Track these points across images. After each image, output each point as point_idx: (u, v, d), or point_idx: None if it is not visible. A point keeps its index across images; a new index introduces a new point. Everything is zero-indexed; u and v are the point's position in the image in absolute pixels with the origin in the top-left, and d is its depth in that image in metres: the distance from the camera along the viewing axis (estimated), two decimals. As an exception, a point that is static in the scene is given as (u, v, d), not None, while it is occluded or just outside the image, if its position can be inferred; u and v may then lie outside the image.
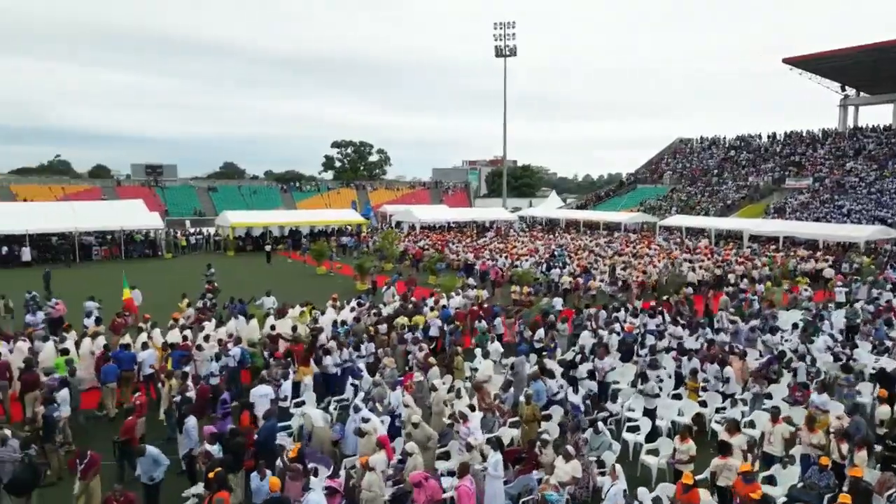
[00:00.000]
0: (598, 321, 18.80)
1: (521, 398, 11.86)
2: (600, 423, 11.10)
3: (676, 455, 10.06)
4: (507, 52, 68.23)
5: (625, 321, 18.82)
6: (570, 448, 9.94)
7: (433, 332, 17.39)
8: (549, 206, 69.26)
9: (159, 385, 13.37)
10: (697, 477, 9.73)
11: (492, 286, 27.22)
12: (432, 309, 19.40)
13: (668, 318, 19.15)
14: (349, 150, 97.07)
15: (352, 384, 13.02)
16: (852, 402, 12.51)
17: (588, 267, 30.29)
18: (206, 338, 15.26)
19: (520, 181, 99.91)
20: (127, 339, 15.37)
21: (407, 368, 14.20)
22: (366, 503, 8.95)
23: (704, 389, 13.84)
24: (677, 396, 13.88)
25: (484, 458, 10.01)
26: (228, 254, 42.95)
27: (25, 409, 12.32)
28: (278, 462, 9.91)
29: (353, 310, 19.17)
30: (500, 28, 67.68)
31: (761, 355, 16.53)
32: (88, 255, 39.06)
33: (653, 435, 12.04)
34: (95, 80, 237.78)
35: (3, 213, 38.69)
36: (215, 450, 9.20)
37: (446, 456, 10.98)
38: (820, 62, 56.99)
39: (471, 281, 25.63)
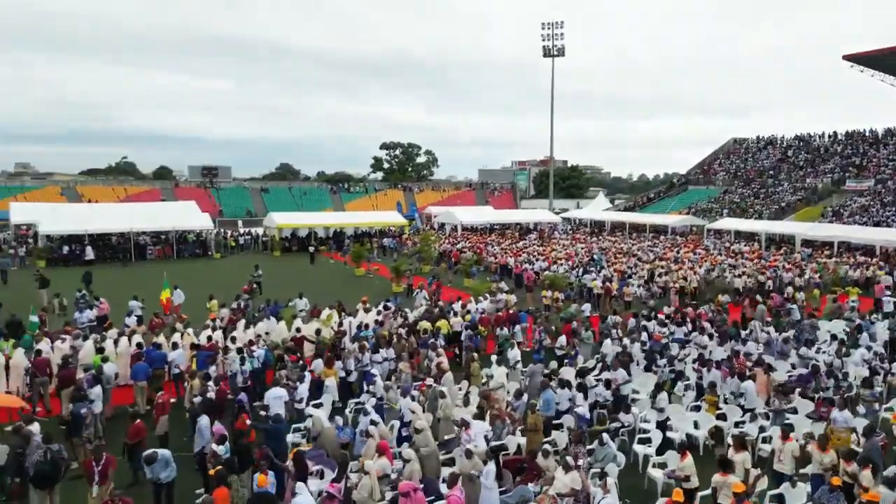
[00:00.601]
0: (623, 329, 18.55)
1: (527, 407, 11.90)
2: (605, 435, 11.03)
3: (677, 472, 9.93)
4: (555, 52, 67.64)
5: (653, 329, 18.53)
6: (569, 459, 9.93)
7: (465, 337, 17.61)
8: (596, 208, 68.32)
9: (185, 384, 13.99)
10: (704, 493, 9.62)
11: (525, 290, 27.20)
12: (456, 314, 19.54)
13: (699, 326, 18.75)
14: (397, 152, 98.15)
15: (367, 390, 13.29)
16: (875, 418, 12.02)
17: (625, 272, 29.83)
18: (233, 339, 15.86)
19: (567, 182, 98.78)
20: (161, 338, 16.13)
21: (421, 376, 14.39)
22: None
23: (726, 402, 13.57)
24: (697, 408, 13.63)
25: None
26: (274, 254, 44.18)
27: (63, 405, 13.14)
28: (288, 462, 10.29)
29: (379, 313, 19.53)
30: (548, 28, 67.19)
31: (794, 368, 16.04)
32: (143, 254, 40.90)
33: (665, 447, 11.89)
34: (161, 84, 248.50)
35: (67, 214, 41.04)
36: (221, 450, 9.62)
37: (452, 462, 11.14)
38: (883, 58, 54.20)
39: (503, 285, 25.63)
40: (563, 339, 16.93)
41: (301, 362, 14.53)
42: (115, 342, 15.86)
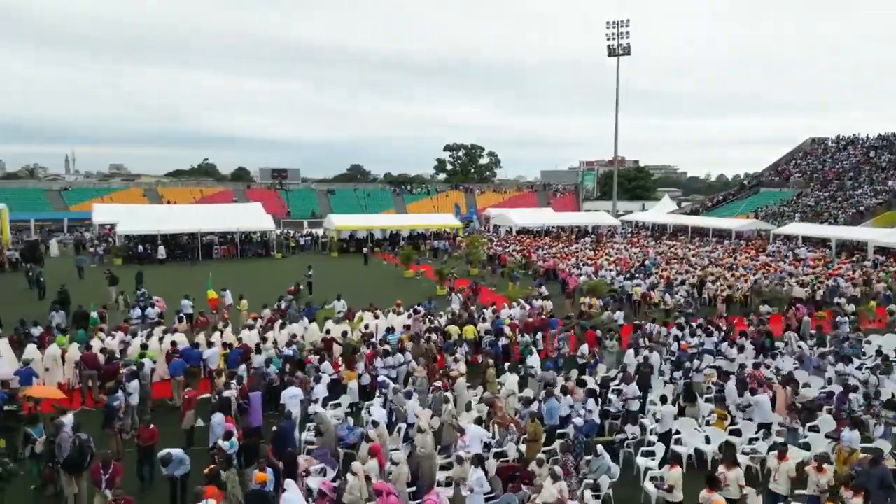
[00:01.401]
0: (651, 338, 18.28)
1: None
2: (599, 447, 11.09)
3: (664, 483, 9.91)
4: (621, 52, 66.38)
5: (683, 339, 18.19)
6: (556, 469, 10.09)
7: (484, 343, 17.92)
8: (660, 211, 66.52)
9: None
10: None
11: (567, 296, 27.09)
12: (485, 320, 19.82)
13: (730, 338, 18.24)
14: (460, 153, 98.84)
15: (378, 393, 13.82)
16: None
17: (673, 279, 29.14)
18: (264, 339, 16.80)
19: (633, 183, 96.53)
20: (201, 337, 17.27)
21: (439, 379, 14.78)
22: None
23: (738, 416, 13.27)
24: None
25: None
26: (332, 255, 45.68)
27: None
28: (300, 458, 10.94)
29: (409, 317, 20.07)
30: (613, 27, 66.02)
31: (829, 383, 15.39)
32: (210, 253, 43.28)
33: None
34: (239, 88, 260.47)
35: (143, 215, 44.05)
36: (226, 445, 10.36)
37: (451, 466, 11.49)
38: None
39: (543, 290, 25.64)
40: (584, 348, 16.90)
41: (324, 363, 15.18)
42: (161, 339, 17.11)
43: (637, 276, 29.66)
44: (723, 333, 18.54)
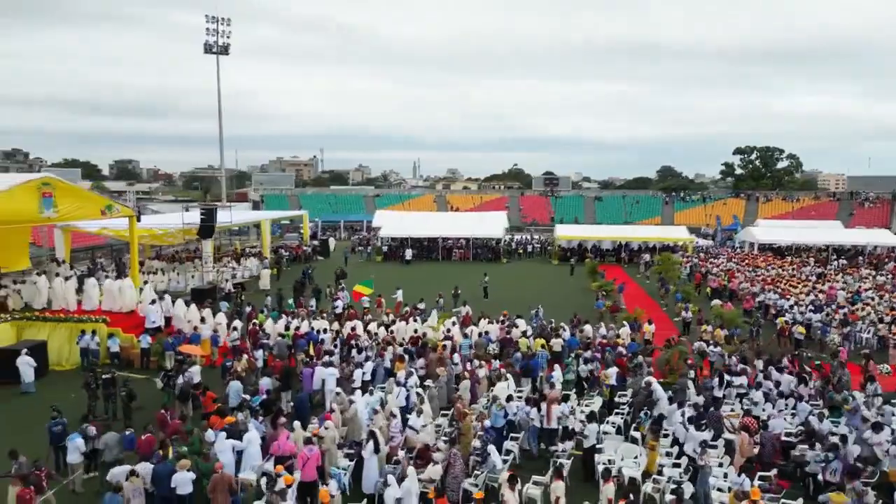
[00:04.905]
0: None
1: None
2: (490, 447, 13.35)
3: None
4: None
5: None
6: (437, 455, 13.05)
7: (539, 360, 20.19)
8: None
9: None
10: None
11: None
12: (559, 336, 21.79)
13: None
14: (752, 157, 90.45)
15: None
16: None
17: (861, 318, 25.51)
18: (368, 333, 22.11)
19: None
20: (336, 325, 23.34)
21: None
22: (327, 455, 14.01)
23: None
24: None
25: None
26: (553, 262, 48.92)
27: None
28: (314, 420, 15.58)
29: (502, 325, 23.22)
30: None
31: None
32: (450, 255, 50.67)
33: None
34: (560, 91, 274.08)
35: (402, 222, 53.34)
36: (253, 400, 15.68)
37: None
38: None
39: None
40: (611, 371, 18.01)
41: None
42: (311, 323, 23.67)
43: (827, 308, 26.72)
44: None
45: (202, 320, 22.84)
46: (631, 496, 12.21)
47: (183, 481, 11.21)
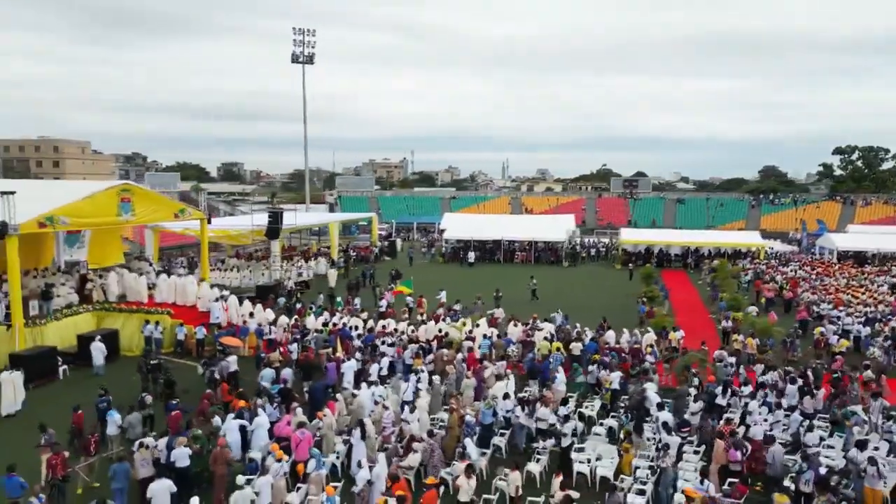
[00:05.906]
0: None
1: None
2: (467, 440, 14.40)
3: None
4: None
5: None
6: (418, 445, 14.29)
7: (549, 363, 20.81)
8: None
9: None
10: None
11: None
12: (580, 340, 22.31)
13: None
14: (853, 157, 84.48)
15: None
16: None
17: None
18: (395, 331, 23.61)
19: None
20: (371, 322, 25.01)
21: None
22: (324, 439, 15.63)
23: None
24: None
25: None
26: (616, 266, 48.44)
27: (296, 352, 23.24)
28: (326, 410, 17.19)
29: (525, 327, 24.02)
30: None
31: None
32: (512, 258, 51.38)
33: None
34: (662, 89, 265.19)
35: (467, 224, 54.67)
36: (272, 388, 17.49)
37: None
38: None
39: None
40: (615, 375, 18.44)
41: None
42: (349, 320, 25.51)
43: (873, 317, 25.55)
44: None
45: (251, 315, 25.18)
46: (607, 495, 12.78)
47: (181, 456, 13.06)
